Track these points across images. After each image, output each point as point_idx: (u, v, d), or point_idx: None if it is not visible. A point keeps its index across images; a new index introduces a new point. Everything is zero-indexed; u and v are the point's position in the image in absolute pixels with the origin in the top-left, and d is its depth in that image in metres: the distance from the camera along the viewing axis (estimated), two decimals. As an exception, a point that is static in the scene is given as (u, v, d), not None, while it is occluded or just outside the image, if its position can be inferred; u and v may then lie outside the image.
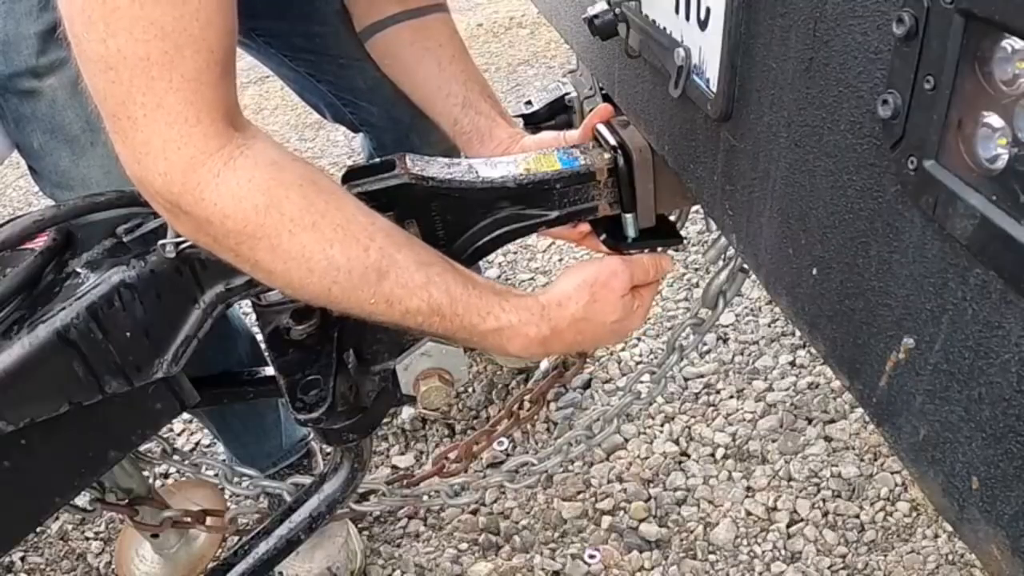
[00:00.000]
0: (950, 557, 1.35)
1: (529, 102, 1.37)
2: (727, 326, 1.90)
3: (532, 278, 2.20)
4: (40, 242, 0.85)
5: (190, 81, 0.66)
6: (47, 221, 0.83)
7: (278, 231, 0.70)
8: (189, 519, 1.22)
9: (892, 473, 1.49)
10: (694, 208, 0.99)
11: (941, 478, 0.45)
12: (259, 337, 1.33)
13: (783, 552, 1.40)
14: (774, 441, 1.60)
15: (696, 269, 2.11)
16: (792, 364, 1.77)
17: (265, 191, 0.70)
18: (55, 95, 1.13)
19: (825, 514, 1.45)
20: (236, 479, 1.24)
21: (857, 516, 1.44)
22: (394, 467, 1.65)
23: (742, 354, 1.83)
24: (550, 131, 1.05)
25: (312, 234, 0.71)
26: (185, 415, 1.83)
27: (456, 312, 0.78)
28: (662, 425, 1.67)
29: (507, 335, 0.82)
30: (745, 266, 0.94)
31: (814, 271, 0.55)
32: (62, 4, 0.66)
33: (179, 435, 1.83)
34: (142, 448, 1.17)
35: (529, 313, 0.83)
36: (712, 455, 1.59)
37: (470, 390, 1.82)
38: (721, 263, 0.97)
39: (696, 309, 1.02)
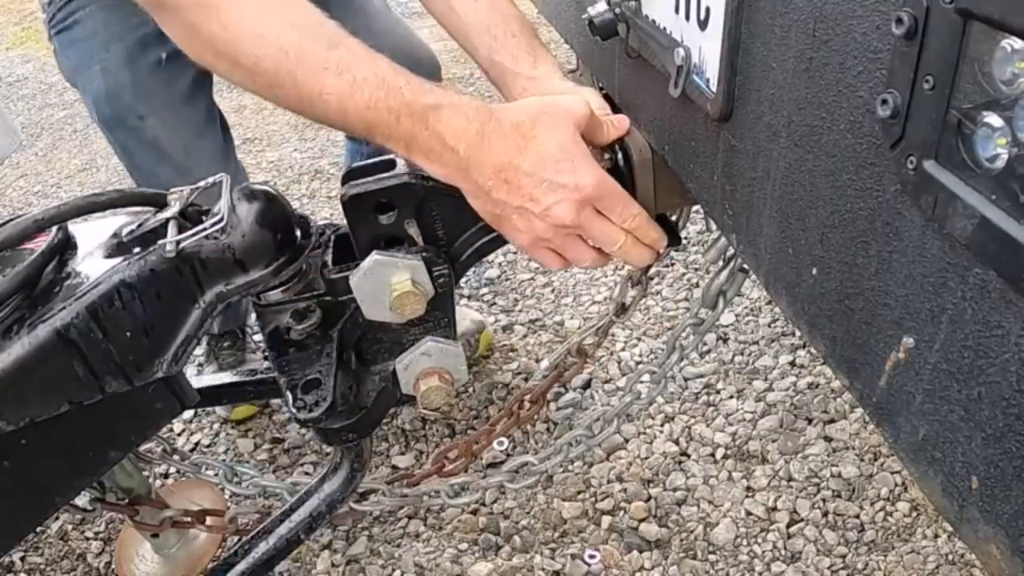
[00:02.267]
0: (950, 557, 1.35)
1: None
2: (727, 326, 1.91)
3: (532, 278, 2.20)
4: (40, 242, 0.85)
5: None
6: (47, 221, 0.83)
7: None
8: (189, 519, 1.22)
9: (892, 473, 1.49)
10: (694, 208, 0.99)
11: (941, 478, 0.45)
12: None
13: (783, 552, 1.40)
14: (774, 441, 1.60)
15: (696, 269, 2.12)
16: (792, 364, 1.77)
17: None
18: (157, 133, 1.39)
19: (825, 514, 1.45)
20: (236, 479, 1.24)
21: (857, 516, 1.44)
22: (394, 467, 1.65)
23: (742, 354, 1.83)
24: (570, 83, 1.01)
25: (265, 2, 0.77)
26: (185, 415, 1.83)
27: (399, 84, 0.77)
28: (662, 425, 1.67)
29: (445, 117, 0.77)
30: (745, 266, 0.94)
31: (814, 271, 0.55)
32: None
33: (179, 435, 1.83)
34: (142, 448, 1.17)
35: (471, 101, 0.79)
36: (712, 455, 1.59)
37: (470, 390, 1.82)
38: (721, 263, 0.97)
39: (696, 309, 1.02)
